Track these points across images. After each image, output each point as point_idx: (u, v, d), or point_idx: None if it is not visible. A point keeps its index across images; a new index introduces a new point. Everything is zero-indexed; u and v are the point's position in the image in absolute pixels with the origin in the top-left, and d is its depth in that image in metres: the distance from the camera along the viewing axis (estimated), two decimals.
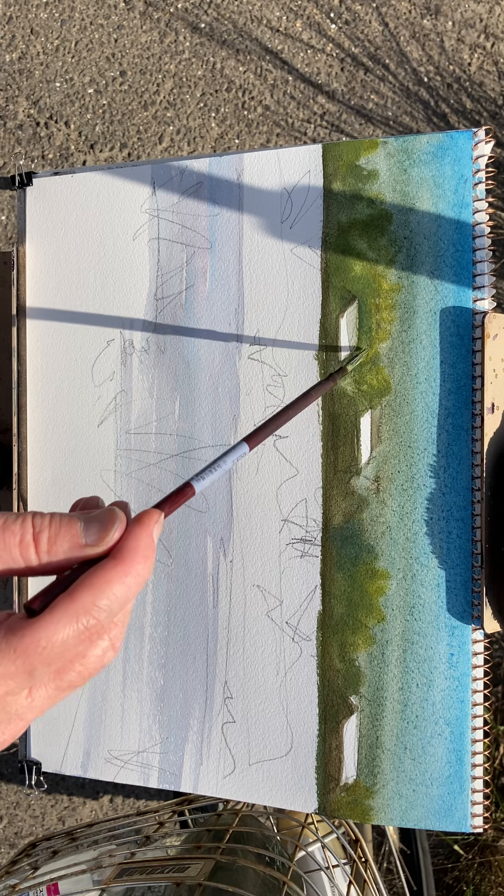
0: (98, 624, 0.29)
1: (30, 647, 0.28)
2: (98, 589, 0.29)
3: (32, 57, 1.42)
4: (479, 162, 0.50)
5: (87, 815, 1.38)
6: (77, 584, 0.29)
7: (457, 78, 1.36)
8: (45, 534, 0.30)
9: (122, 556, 0.29)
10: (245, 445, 0.37)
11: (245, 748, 0.55)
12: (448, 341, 0.50)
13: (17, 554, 0.29)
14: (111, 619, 0.29)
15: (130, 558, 0.29)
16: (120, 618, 0.31)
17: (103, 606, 0.29)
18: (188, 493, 0.33)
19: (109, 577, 0.29)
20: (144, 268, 0.58)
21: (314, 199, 0.53)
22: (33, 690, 0.30)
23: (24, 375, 0.61)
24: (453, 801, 0.50)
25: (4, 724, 0.30)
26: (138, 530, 0.30)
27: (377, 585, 0.52)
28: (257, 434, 0.38)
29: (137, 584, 0.30)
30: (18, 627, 0.28)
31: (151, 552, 0.30)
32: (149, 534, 0.30)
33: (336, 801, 0.53)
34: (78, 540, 0.30)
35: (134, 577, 0.29)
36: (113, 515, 0.30)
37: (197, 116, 1.40)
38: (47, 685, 0.30)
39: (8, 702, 0.29)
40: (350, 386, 0.53)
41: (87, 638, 0.29)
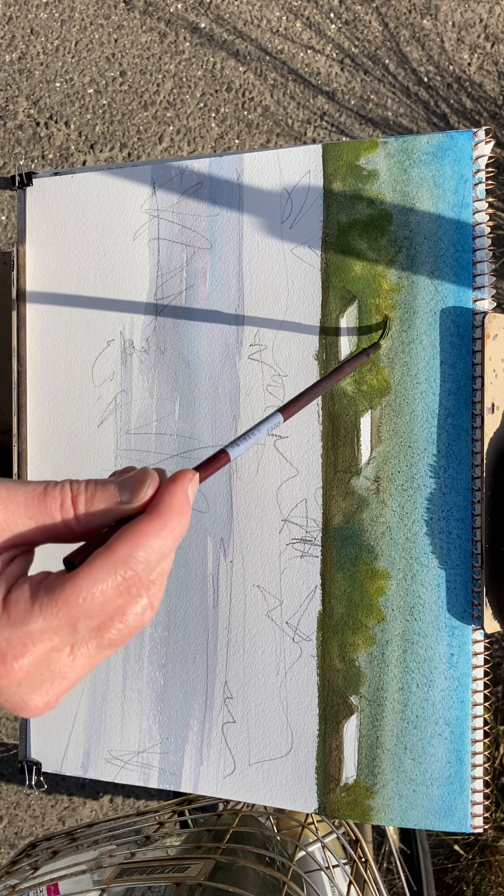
0: (136, 576, 0.29)
1: (71, 599, 0.28)
2: (135, 541, 0.29)
3: (32, 57, 1.42)
4: (479, 162, 0.50)
5: (87, 815, 1.38)
6: (115, 538, 0.30)
7: (457, 78, 1.36)
8: (83, 496, 0.30)
9: (158, 510, 0.30)
10: (279, 416, 0.38)
11: (245, 748, 0.55)
12: (448, 341, 0.50)
13: (57, 517, 0.30)
14: (148, 573, 0.30)
15: (166, 512, 0.30)
16: (157, 575, 0.31)
17: (140, 558, 0.29)
18: (223, 458, 0.34)
19: (146, 530, 0.30)
20: (144, 268, 0.58)
21: (314, 199, 0.53)
22: (75, 648, 0.30)
23: (24, 375, 0.61)
24: (453, 801, 0.50)
25: (48, 683, 0.30)
26: (173, 487, 0.31)
27: (377, 585, 0.52)
28: (292, 405, 0.39)
29: (174, 539, 0.30)
30: (58, 582, 0.29)
31: (187, 508, 0.31)
32: (183, 490, 0.31)
33: (336, 801, 0.53)
34: (114, 499, 0.31)
35: (170, 531, 0.30)
36: (145, 474, 0.31)
37: (197, 116, 1.40)
38: (88, 643, 0.30)
39: (52, 659, 0.29)
40: (350, 386, 0.53)
41: (126, 590, 0.29)
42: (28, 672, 0.29)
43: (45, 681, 0.30)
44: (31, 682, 0.30)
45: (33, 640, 0.29)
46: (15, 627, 0.28)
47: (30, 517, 0.30)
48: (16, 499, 0.30)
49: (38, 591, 0.29)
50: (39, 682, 0.30)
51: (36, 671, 0.29)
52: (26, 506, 0.30)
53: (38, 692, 0.30)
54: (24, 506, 0.30)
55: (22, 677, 0.29)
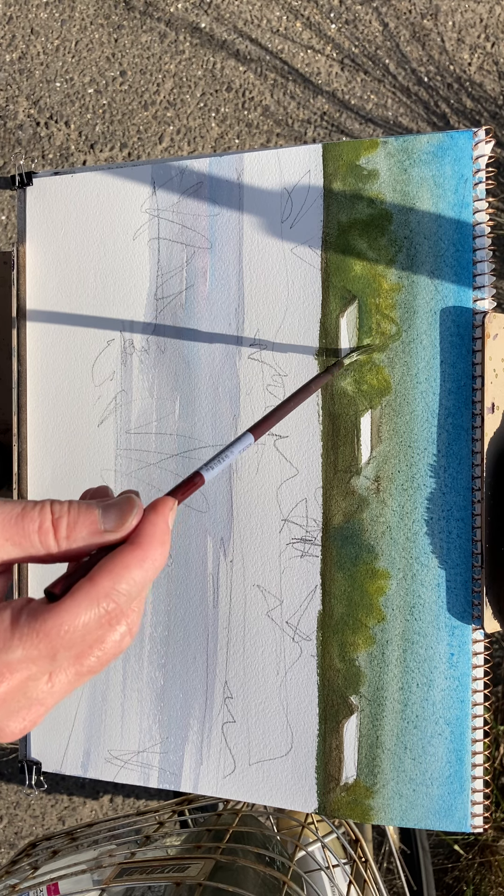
0: (118, 608, 0.29)
1: (52, 631, 0.28)
2: (118, 574, 0.29)
3: (32, 57, 1.42)
4: (479, 162, 0.50)
5: (87, 815, 1.38)
6: (97, 569, 0.29)
7: (457, 78, 1.36)
8: (65, 520, 0.30)
9: (140, 541, 0.30)
10: (250, 436, 0.38)
11: (245, 748, 0.55)
12: (448, 341, 0.50)
13: (36, 540, 0.30)
14: (130, 604, 0.30)
15: (147, 544, 0.30)
16: (137, 604, 0.31)
17: (123, 591, 0.29)
18: (198, 482, 0.34)
19: (128, 563, 0.29)
20: (144, 268, 0.58)
21: (314, 199, 0.53)
22: (53, 675, 0.30)
23: (24, 375, 0.61)
24: (453, 800, 0.50)
25: (25, 709, 0.30)
26: (154, 517, 0.31)
27: (377, 585, 0.52)
28: (261, 425, 0.39)
29: (154, 570, 0.30)
30: (40, 612, 0.29)
31: (167, 538, 0.31)
32: (164, 520, 0.31)
33: (336, 800, 0.53)
34: (97, 526, 0.30)
35: (151, 562, 0.30)
36: (131, 502, 0.31)
37: (197, 116, 1.40)
38: (67, 670, 0.30)
39: (29, 687, 0.29)
40: (350, 386, 0.53)
41: (107, 622, 0.29)
42: (4, 699, 0.29)
43: (21, 707, 0.30)
44: (8, 708, 0.30)
45: (10, 670, 0.29)
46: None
47: (7, 538, 0.30)
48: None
49: (18, 619, 0.29)
50: (16, 709, 0.30)
51: (13, 699, 0.29)
52: (3, 526, 0.30)
53: (14, 718, 0.30)
54: (0, 526, 0.30)
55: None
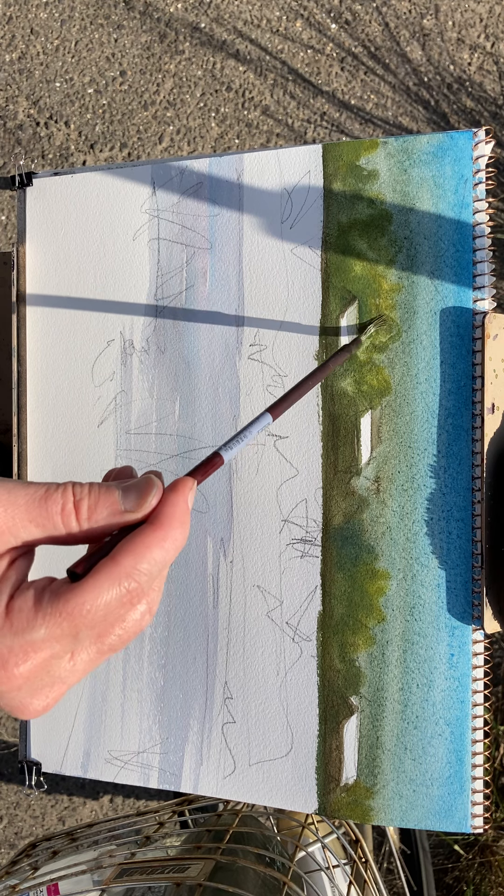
0: (139, 587, 0.30)
1: (75, 610, 0.29)
2: (139, 553, 0.30)
3: (32, 57, 1.42)
4: (479, 162, 0.50)
5: (87, 816, 1.38)
6: (118, 549, 0.30)
7: (457, 78, 1.36)
8: (86, 502, 0.30)
9: (160, 521, 0.30)
10: (269, 416, 0.38)
11: (245, 748, 0.55)
12: (448, 341, 0.50)
13: (59, 522, 0.30)
14: (151, 583, 0.30)
15: (168, 523, 0.30)
16: (157, 583, 0.31)
17: (144, 570, 0.30)
18: (217, 462, 0.34)
19: (149, 542, 0.30)
20: (144, 268, 0.58)
21: (314, 200, 0.53)
22: (76, 654, 0.30)
23: (24, 375, 0.61)
24: (453, 801, 0.50)
25: (48, 687, 0.31)
26: (174, 496, 0.31)
27: (377, 586, 0.52)
28: (280, 404, 0.39)
29: (175, 549, 0.31)
30: (63, 592, 0.29)
31: (187, 518, 0.31)
32: (184, 499, 0.31)
33: (336, 801, 0.53)
34: (117, 507, 0.31)
35: (172, 541, 0.30)
36: (150, 483, 0.31)
37: (197, 116, 1.40)
38: (89, 649, 0.31)
39: (52, 665, 0.30)
40: (350, 386, 0.53)
41: (129, 601, 0.30)
42: (28, 678, 0.30)
43: (44, 685, 0.30)
44: (31, 686, 0.30)
45: (35, 648, 0.29)
46: (17, 635, 0.29)
47: (30, 520, 0.30)
48: (16, 501, 0.30)
49: (41, 599, 0.29)
50: (39, 687, 0.30)
51: (36, 677, 0.30)
52: (27, 508, 0.30)
53: (37, 696, 0.31)
54: (24, 508, 0.30)
55: (22, 683, 0.30)
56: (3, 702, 0.30)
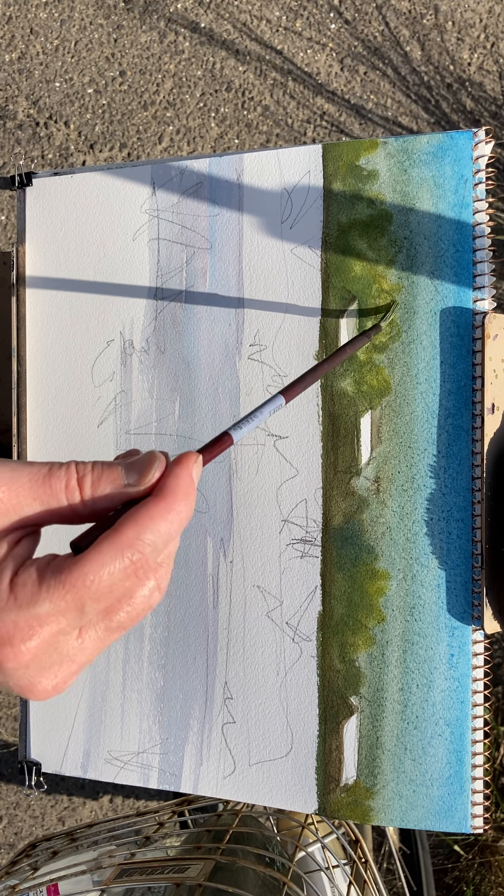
0: (143, 559, 0.29)
1: (78, 582, 0.28)
2: (142, 524, 0.29)
3: (32, 57, 1.42)
4: (479, 162, 0.50)
5: (87, 816, 1.38)
6: (121, 521, 0.29)
7: (457, 78, 1.36)
8: (89, 477, 0.30)
9: (164, 493, 0.30)
10: (281, 398, 0.38)
11: (245, 749, 0.55)
12: (448, 341, 0.50)
13: (63, 499, 0.30)
14: (156, 556, 0.30)
15: (172, 495, 0.30)
16: (164, 558, 0.31)
17: (148, 541, 0.29)
18: (226, 441, 0.34)
19: (152, 514, 0.30)
20: (144, 268, 0.58)
21: (314, 200, 0.53)
22: (83, 631, 0.30)
23: (24, 375, 0.61)
24: (453, 801, 0.50)
25: (57, 665, 0.30)
26: (178, 469, 0.31)
27: (377, 586, 0.52)
28: (293, 387, 0.39)
29: (180, 522, 0.30)
30: (65, 564, 0.29)
31: (192, 490, 0.31)
32: (188, 473, 0.31)
33: (336, 801, 0.53)
34: (120, 481, 0.30)
35: (176, 513, 0.30)
36: (153, 457, 0.31)
37: (197, 116, 1.40)
38: (97, 626, 0.30)
39: (60, 641, 0.29)
40: (350, 386, 0.53)
41: (134, 573, 0.29)
42: (36, 654, 0.29)
43: (53, 663, 0.30)
44: (40, 664, 0.30)
45: (41, 623, 0.28)
46: (22, 610, 0.28)
47: (34, 498, 0.30)
48: (20, 479, 0.30)
49: (45, 573, 0.29)
50: (48, 665, 0.30)
51: (44, 653, 0.29)
52: (31, 487, 0.30)
53: (46, 675, 0.30)
54: (28, 486, 0.30)
55: (30, 659, 0.29)
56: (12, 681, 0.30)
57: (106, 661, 0.59)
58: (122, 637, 0.58)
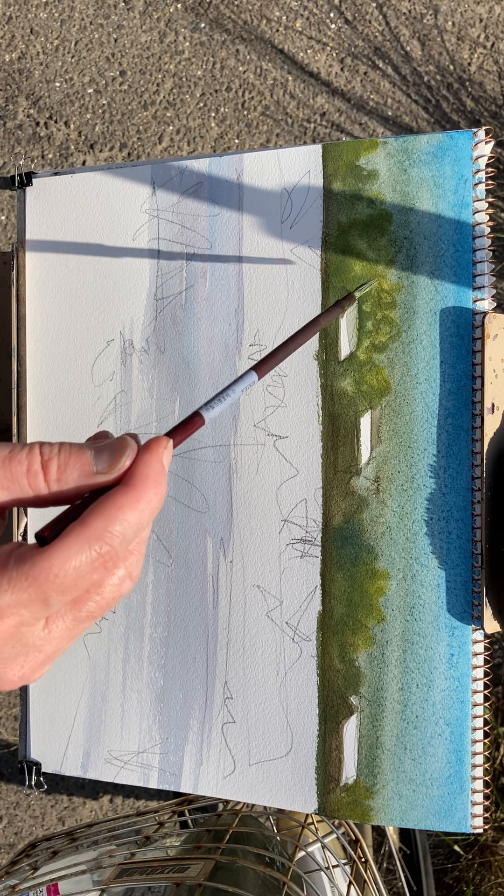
0: (112, 551, 0.29)
1: (41, 575, 0.28)
2: (111, 515, 0.28)
3: (32, 57, 1.42)
4: (479, 162, 0.50)
5: (87, 816, 1.38)
6: (89, 512, 0.29)
7: (457, 77, 1.36)
8: (55, 462, 0.29)
9: (134, 482, 0.29)
10: (254, 374, 0.37)
11: (245, 748, 0.55)
12: (448, 341, 0.50)
13: (24, 483, 0.29)
14: (125, 547, 0.29)
15: (142, 484, 0.29)
16: (135, 546, 0.30)
17: (116, 532, 0.28)
18: (197, 422, 0.33)
19: (121, 504, 0.29)
20: (144, 268, 0.58)
21: (314, 199, 0.53)
22: (50, 621, 0.29)
23: (24, 375, 0.61)
24: (453, 801, 0.50)
25: (22, 656, 0.30)
26: (148, 457, 0.30)
27: (377, 586, 0.52)
28: (266, 363, 0.38)
29: (150, 511, 0.29)
30: (29, 556, 0.28)
31: (163, 478, 0.30)
32: (159, 460, 0.30)
33: (336, 801, 0.53)
34: (89, 468, 0.29)
35: (146, 503, 0.29)
36: (124, 443, 0.30)
37: (197, 116, 1.40)
38: (65, 616, 0.30)
39: (23, 632, 0.29)
40: (350, 386, 0.53)
41: (102, 566, 0.29)
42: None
43: (17, 654, 0.30)
44: (3, 654, 0.29)
45: (1, 615, 0.28)
46: None
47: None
48: None
49: (7, 563, 0.28)
50: (12, 656, 0.29)
51: (6, 644, 0.29)
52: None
53: (11, 665, 0.30)
54: None
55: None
56: None
57: (106, 661, 0.59)
58: (123, 637, 0.59)
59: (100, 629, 0.59)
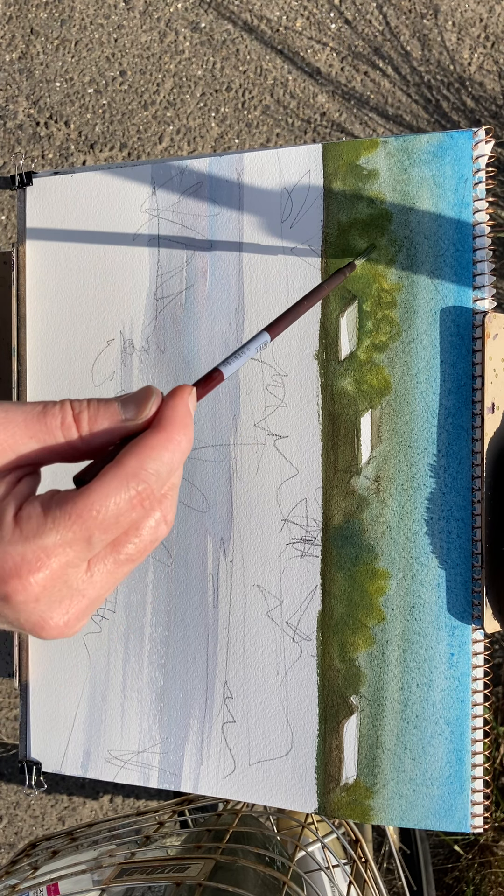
0: (148, 489, 0.29)
1: (84, 512, 0.28)
2: (144, 454, 0.29)
3: (32, 57, 1.42)
4: (479, 161, 0.50)
5: (87, 815, 1.38)
6: (123, 453, 0.29)
7: (457, 77, 1.36)
8: (85, 414, 0.30)
9: (163, 424, 0.30)
10: (266, 335, 0.39)
11: (245, 748, 0.55)
12: (448, 341, 0.50)
13: (59, 436, 0.30)
14: (160, 486, 0.30)
15: (171, 426, 0.30)
16: (168, 489, 0.31)
17: (151, 471, 0.29)
18: (217, 378, 0.35)
19: (153, 444, 0.30)
20: (144, 268, 0.58)
21: (314, 199, 0.53)
22: (92, 564, 0.30)
23: (24, 375, 0.61)
24: (453, 801, 0.50)
25: (68, 599, 0.30)
26: (174, 401, 0.31)
27: (377, 585, 0.52)
28: (277, 324, 0.40)
29: (181, 452, 0.30)
30: (70, 497, 0.29)
31: (190, 421, 0.31)
32: (185, 404, 0.31)
33: (336, 801, 0.53)
34: (118, 416, 0.31)
35: (176, 443, 0.30)
36: (149, 391, 0.31)
37: (197, 116, 1.40)
38: (105, 559, 0.30)
39: (69, 574, 0.29)
40: (350, 386, 0.53)
41: (140, 504, 0.29)
42: (45, 587, 0.29)
43: (63, 597, 0.30)
44: (50, 598, 0.29)
45: (48, 554, 0.28)
46: (29, 542, 0.28)
47: (31, 436, 0.30)
48: (14, 419, 0.30)
49: (50, 505, 0.29)
50: (58, 599, 0.30)
51: (53, 586, 0.29)
52: (26, 425, 0.30)
53: (57, 609, 0.30)
54: (23, 425, 0.30)
55: (39, 592, 0.29)
56: (23, 616, 0.29)
57: (106, 661, 0.59)
58: (123, 637, 0.59)
59: (100, 629, 0.59)
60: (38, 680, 0.61)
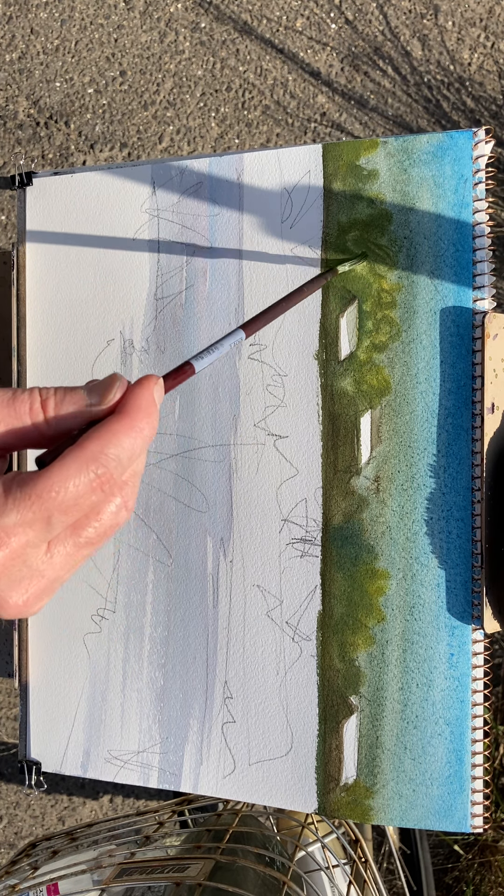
0: (108, 473, 0.30)
1: (44, 493, 0.29)
2: (105, 439, 0.30)
3: (32, 57, 1.42)
4: (479, 162, 0.50)
5: (87, 815, 1.38)
6: (84, 437, 0.30)
7: (457, 77, 1.36)
8: (52, 400, 0.31)
9: (126, 410, 0.31)
10: (241, 332, 0.39)
11: (245, 748, 0.55)
12: (448, 341, 0.50)
13: (27, 421, 0.31)
14: (121, 472, 0.30)
15: (134, 412, 0.31)
16: (129, 476, 0.31)
17: (112, 455, 0.30)
18: (188, 371, 0.35)
19: (115, 429, 0.30)
20: (144, 268, 0.58)
21: (314, 199, 0.53)
22: (52, 545, 0.30)
23: (24, 375, 0.61)
24: (453, 801, 0.50)
25: (27, 580, 0.30)
26: (139, 390, 0.32)
27: (377, 585, 0.52)
28: (253, 322, 0.41)
29: (143, 439, 0.31)
30: (30, 477, 0.29)
31: (154, 409, 0.31)
32: (149, 393, 0.32)
33: (336, 801, 0.53)
34: (83, 401, 0.31)
35: (138, 430, 0.31)
36: (113, 378, 0.32)
37: (197, 116, 1.40)
38: (65, 541, 0.31)
39: (29, 554, 0.30)
40: (350, 386, 0.53)
41: (100, 487, 0.30)
42: (5, 566, 0.29)
43: (23, 577, 0.30)
44: (9, 577, 0.30)
45: (8, 534, 0.29)
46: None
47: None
48: None
49: (10, 486, 0.29)
50: (18, 579, 0.30)
51: (12, 566, 0.29)
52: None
53: (15, 589, 0.30)
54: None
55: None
56: None
57: (106, 661, 0.59)
58: (122, 637, 0.59)
59: (100, 629, 0.59)
60: (38, 680, 0.61)
